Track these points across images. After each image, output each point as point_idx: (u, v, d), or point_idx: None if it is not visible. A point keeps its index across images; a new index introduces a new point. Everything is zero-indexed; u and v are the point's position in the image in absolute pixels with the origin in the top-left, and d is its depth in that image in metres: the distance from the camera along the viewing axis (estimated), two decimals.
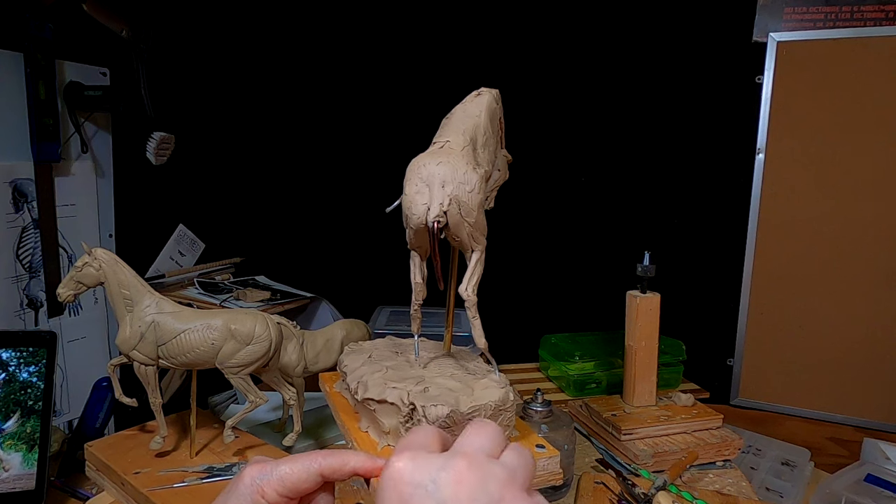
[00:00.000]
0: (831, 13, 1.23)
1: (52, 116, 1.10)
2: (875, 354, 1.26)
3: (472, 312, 0.66)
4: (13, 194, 1.08)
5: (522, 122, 1.47)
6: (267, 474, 0.40)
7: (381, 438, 0.64)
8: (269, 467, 0.41)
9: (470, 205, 0.62)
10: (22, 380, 0.84)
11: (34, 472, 0.82)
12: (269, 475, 0.40)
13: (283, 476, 0.40)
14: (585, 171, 1.50)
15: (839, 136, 1.25)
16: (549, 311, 1.54)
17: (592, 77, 1.45)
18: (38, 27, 1.06)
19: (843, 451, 1.20)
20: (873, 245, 1.25)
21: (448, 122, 0.69)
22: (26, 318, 1.12)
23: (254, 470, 0.41)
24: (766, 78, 1.29)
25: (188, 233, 1.45)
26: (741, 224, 1.35)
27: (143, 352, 0.81)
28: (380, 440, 0.64)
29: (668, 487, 0.87)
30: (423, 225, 0.61)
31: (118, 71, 1.22)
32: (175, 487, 0.80)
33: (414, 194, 0.61)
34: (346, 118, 1.58)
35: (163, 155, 1.17)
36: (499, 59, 1.46)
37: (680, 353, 1.29)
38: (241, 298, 1.30)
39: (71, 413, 1.20)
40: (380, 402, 0.63)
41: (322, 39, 1.55)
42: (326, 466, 0.41)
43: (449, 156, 0.62)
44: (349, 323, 1.05)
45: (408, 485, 0.32)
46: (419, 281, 0.68)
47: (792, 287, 1.32)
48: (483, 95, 0.72)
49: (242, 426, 0.98)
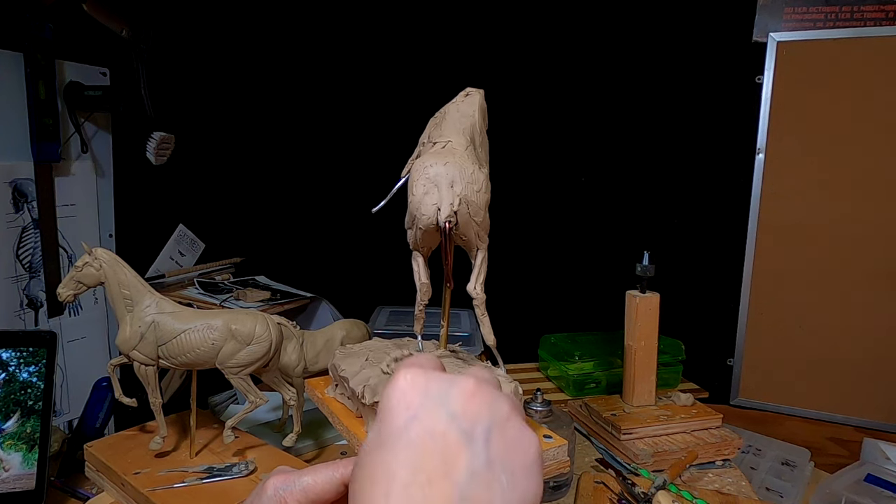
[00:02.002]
0: (831, 13, 1.23)
1: (52, 116, 1.10)
2: (875, 354, 1.26)
3: (480, 310, 0.67)
4: (13, 194, 1.08)
5: (523, 123, 1.48)
6: (290, 485, 0.40)
7: None
8: (292, 478, 0.41)
9: (478, 204, 0.62)
10: (22, 380, 0.84)
11: (34, 472, 0.82)
12: (292, 486, 0.40)
13: (306, 487, 0.40)
14: (585, 171, 1.50)
15: (839, 135, 1.25)
16: (548, 311, 1.54)
17: (593, 77, 1.45)
18: (38, 27, 1.06)
19: (843, 451, 1.20)
20: (873, 245, 1.25)
21: (443, 122, 0.69)
22: (26, 318, 1.12)
23: (277, 480, 0.41)
24: (766, 78, 1.29)
25: (188, 233, 1.45)
26: (741, 224, 1.35)
27: (143, 352, 0.81)
28: None
29: (668, 487, 0.87)
30: (433, 225, 0.61)
31: (118, 71, 1.22)
32: (175, 488, 0.80)
33: (423, 195, 0.61)
34: (346, 118, 1.58)
35: (163, 155, 1.17)
36: (499, 59, 1.47)
37: (679, 352, 1.29)
38: (241, 298, 1.30)
39: (71, 413, 1.20)
40: None
41: (322, 39, 1.55)
42: (349, 475, 0.41)
43: (454, 156, 0.62)
44: (349, 323, 1.05)
45: (417, 395, 0.31)
46: (425, 281, 0.68)
47: (792, 287, 1.32)
48: (473, 95, 0.72)
49: (242, 426, 0.98)
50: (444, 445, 0.29)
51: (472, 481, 0.28)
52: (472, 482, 0.28)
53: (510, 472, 0.30)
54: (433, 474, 0.28)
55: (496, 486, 0.29)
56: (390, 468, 0.29)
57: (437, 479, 0.28)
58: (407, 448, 0.29)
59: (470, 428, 0.30)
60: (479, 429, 0.30)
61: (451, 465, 0.29)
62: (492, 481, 0.29)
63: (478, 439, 0.30)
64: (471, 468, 0.29)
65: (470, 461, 0.29)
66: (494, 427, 0.31)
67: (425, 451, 0.29)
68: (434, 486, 0.28)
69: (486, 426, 0.31)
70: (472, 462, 0.29)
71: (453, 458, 0.29)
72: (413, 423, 0.30)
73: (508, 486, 0.29)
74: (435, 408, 0.30)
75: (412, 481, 0.28)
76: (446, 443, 0.29)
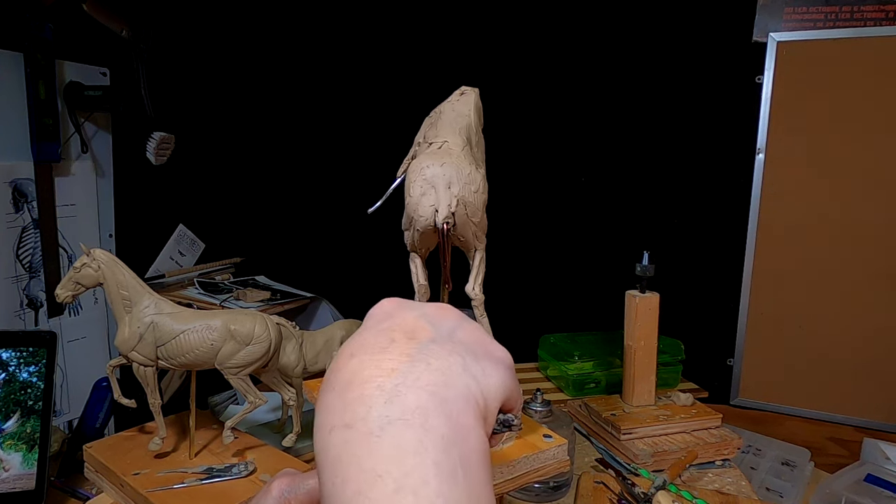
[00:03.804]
0: (831, 13, 1.23)
1: (52, 116, 1.10)
2: (875, 354, 1.26)
3: (479, 311, 0.67)
4: (13, 194, 1.08)
5: (522, 122, 1.48)
6: (296, 488, 0.40)
7: None
8: (297, 480, 0.41)
9: (476, 205, 0.62)
10: (22, 380, 0.84)
11: (34, 472, 0.82)
12: (297, 489, 0.40)
13: (311, 490, 0.40)
14: (585, 171, 1.50)
15: (839, 135, 1.25)
16: (548, 311, 1.54)
17: (593, 77, 1.45)
18: (38, 27, 1.06)
19: (843, 451, 1.20)
20: (873, 245, 1.25)
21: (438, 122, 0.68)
22: (26, 318, 1.12)
23: (282, 483, 0.41)
24: (766, 78, 1.29)
25: (188, 233, 1.45)
26: (741, 224, 1.35)
27: (142, 353, 0.81)
28: None
29: (668, 487, 0.87)
30: (430, 227, 0.61)
31: (118, 71, 1.22)
32: (174, 488, 0.80)
33: (420, 196, 0.61)
34: (345, 118, 1.58)
35: (163, 155, 1.17)
36: (497, 58, 1.46)
37: (679, 352, 1.29)
38: (241, 298, 1.30)
39: (71, 413, 1.20)
40: None
41: (320, 39, 1.55)
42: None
43: (451, 156, 0.62)
44: (349, 323, 1.05)
45: (394, 305, 0.34)
46: (423, 282, 0.68)
47: (792, 287, 1.32)
48: (468, 94, 0.72)
49: (242, 427, 0.98)
50: (413, 327, 0.32)
51: (431, 344, 0.31)
52: (431, 345, 0.31)
53: (474, 356, 0.32)
54: (398, 338, 0.31)
55: (455, 356, 0.30)
56: (361, 342, 0.31)
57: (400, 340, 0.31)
58: (378, 333, 0.32)
59: (438, 322, 0.33)
60: (447, 324, 0.33)
61: (414, 335, 0.31)
62: (451, 352, 0.31)
63: (444, 329, 0.32)
64: (433, 339, 0.31)
65: (434, 336, 0.31)
66: (461, 328, 0.33)
67: (394, 330, 0.32)
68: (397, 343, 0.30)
69: (453, 325, 0.33)
70: (435, 336, 0.31)
71: (418, 331, 0.31)
72: (388, 319, 0.33)
73: (471, 361, 0.31)
74: (409, 310, 0.34)
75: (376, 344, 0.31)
76: (415, 326, 0.32)
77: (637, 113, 1.43)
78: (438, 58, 1.49)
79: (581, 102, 1.47)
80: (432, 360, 0.30)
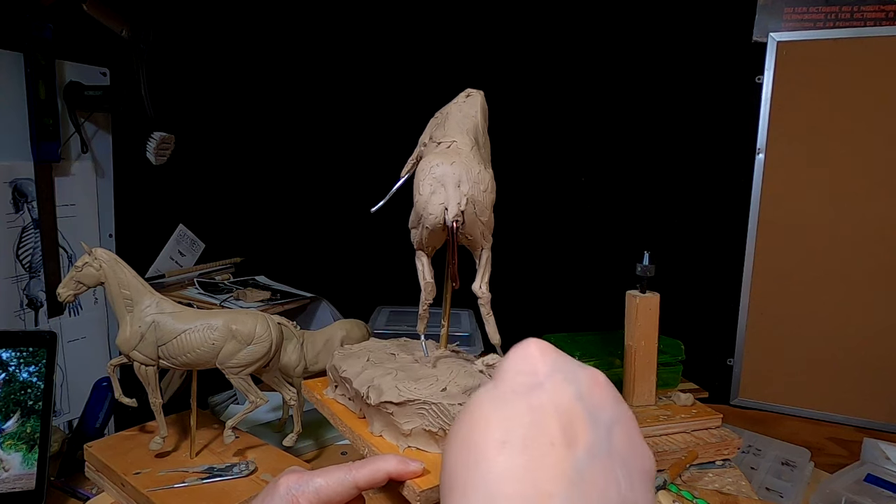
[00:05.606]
0: (831, 13, 1.23)
1: (52, 116, 1.10)
2: (875, 354, 1.26)
3: (486, 309, 0.67)
4: (13, 194, 1.08)
5: (522, 123, 1.48)
6: (303, 485, 0.41)
7: (401, 441, 0.63)
8: (304, 478, 0.41)
9: (484, 203, 0.62)
10: (22, 380, 0.84)
11: (34, 472, 0.82)
12: (304, 486, 0.41)
13: (318, 488, 0.40)
14: (585, 171, 1.50)
15: (839, 136, 1.25)
16: (548, 310, 1.54)
17: (593, 77, 1.45)
18: (38, 27, 1.06)
19: (843, 451, 1.20)
20: (873, 245, 1.25)
21: (446, 122, 0.69)
22: (26, 318, 1.12)
23: (290, 479, 0.41)
24: (766, 78, 1.29)
25: (188, 233, 1.45)
26: (741, 224, 1.35)
27: (143, 352, 0.81)
28: (398, 443, 0.64)
29: (668, 487, 0.87)
30: (440, 225, 0.62)
31: (118, 71, 1.22)
32: (175, 488, 0.80)
33: (429, 195, 0.62)
34: (346, 118, 1.58)
35: (163, 155, 1.17)
36: (499, 60, 1.46)
37: (679, 352, 1.29)
38: (241, 298, 1.30)
39: (71, 413, 1.20)
40: (399, 404, 0.63)
41: (322, 40, 1.55)
42: (361, 478, 0.41)
43: (460, 155, 0.63)
44: (349, 323, 1.05)
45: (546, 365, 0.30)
46: (430, 280, 0.68)
47: (792, 287, 1.32)
48: (474, 96, 0.73)
49: (242, 426, 0.98)
50: (569, 419, 0.28)
51: (590, 461, 0.27)
52: (590, 462, 0.27)
53: (628, 473, 0.28)
54: (556, 440, 0.27)
55: (612, 479, 0.27)
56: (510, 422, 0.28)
57: (559, 444, 0.27)
58: (531, 411, 0.28)
59: (595, 413, 0.29)
60: (605, 417, 0.29)
61: (573, 438, 0.27)
62: (610, 471, 0.27)
63: (601, 427, 0.28)
64: (592, 449, 0.27)
65: (592, 442, 0.28)
66: (618, 423, 0.30)
67: (548, 418, 0.27)
68: (556, 449, 0.27)
69: (610, 418, 0.29)
70: (594, 443, 0.28)
71: (576, 432, 0.27)
72: (538, 389, 0.29)
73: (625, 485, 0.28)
74: (563, 382, 0.29)
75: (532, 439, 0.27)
76: (571, 417, 0.28)
77: (637, 113, 1.44)
78: (439, 58, 1.49)
79: (581, 103, 1.47)
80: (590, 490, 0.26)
